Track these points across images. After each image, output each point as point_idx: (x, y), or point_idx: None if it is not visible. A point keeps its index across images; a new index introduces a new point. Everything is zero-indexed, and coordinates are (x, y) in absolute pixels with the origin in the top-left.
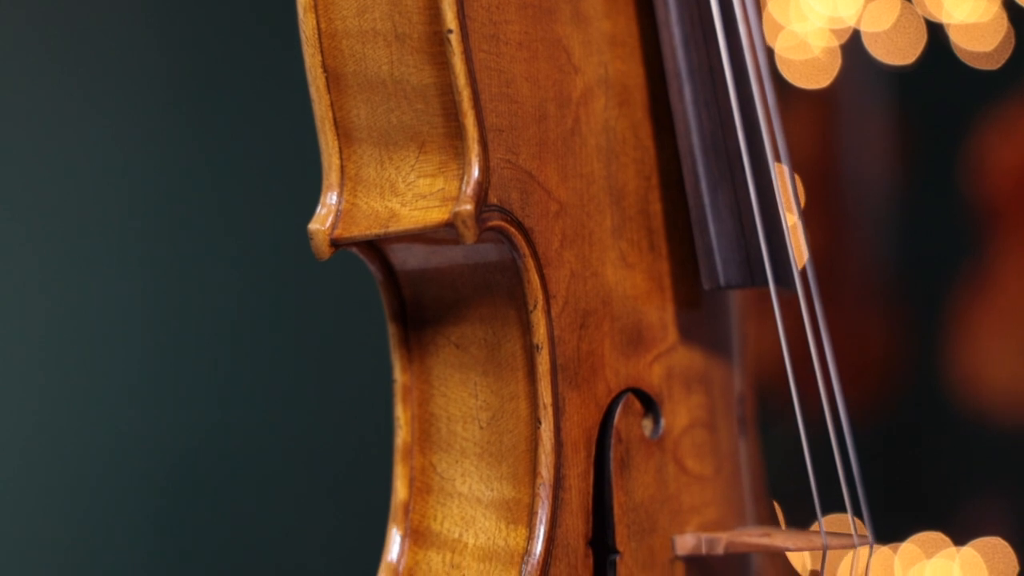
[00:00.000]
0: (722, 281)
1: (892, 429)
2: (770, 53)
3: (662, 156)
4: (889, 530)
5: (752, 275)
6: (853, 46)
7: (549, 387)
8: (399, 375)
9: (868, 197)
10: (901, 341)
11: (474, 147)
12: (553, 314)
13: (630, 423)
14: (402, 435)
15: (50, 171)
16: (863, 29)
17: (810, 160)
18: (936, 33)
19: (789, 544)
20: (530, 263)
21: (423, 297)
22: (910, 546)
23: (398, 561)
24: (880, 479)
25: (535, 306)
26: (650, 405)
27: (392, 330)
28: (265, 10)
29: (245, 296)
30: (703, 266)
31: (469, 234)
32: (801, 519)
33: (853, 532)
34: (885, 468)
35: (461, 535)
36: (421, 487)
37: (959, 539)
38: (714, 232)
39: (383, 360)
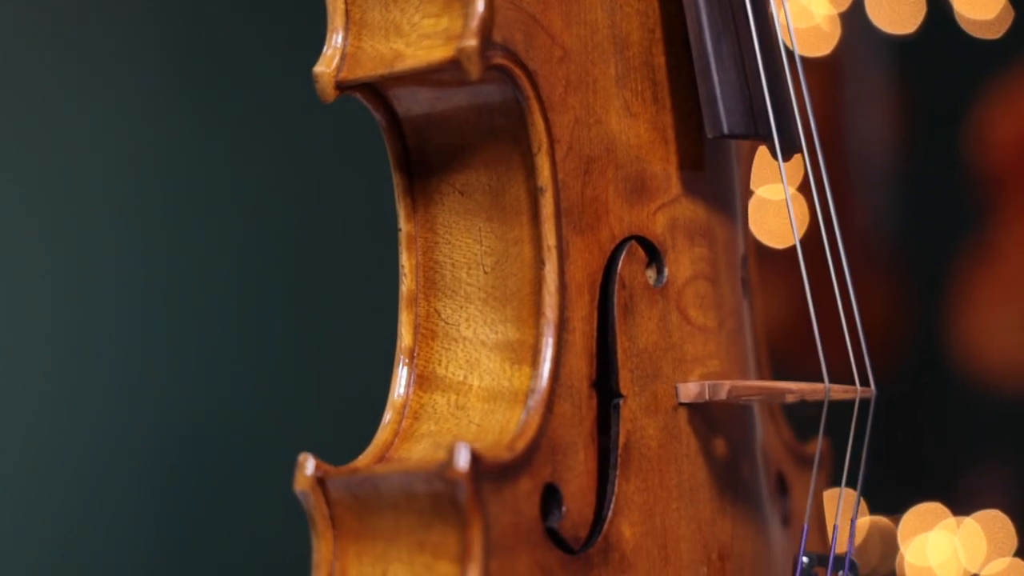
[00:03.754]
0: (725, 129)
1: (892, 400)
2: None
3: (665, 11)
4: (889, 501)
5: (756, 124)
6: (855, 14)
7: (553, 229)
8: (404, 224)
9: (869, 166)
10: (902, 311)
11: None
12: (557, 158)
13: (634, 270)
14: (407, 283)
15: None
16: None
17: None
18: (938, 1)
19: (792, 387)
20: (534, 105)
21: (427, 144)
22: (910, 517)
23: (404, 403)
24: (880, 451)
25: (539, 149)
26: (654, 254)
27: (397, 179)
28: None
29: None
30: (706, 115)
31: (473, 69)
32: None
33: (855, 382)
34: (885, 439)
35: (466, 378)
36: (426, 333)
37: (959, 510)
38: (717, 80)
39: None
